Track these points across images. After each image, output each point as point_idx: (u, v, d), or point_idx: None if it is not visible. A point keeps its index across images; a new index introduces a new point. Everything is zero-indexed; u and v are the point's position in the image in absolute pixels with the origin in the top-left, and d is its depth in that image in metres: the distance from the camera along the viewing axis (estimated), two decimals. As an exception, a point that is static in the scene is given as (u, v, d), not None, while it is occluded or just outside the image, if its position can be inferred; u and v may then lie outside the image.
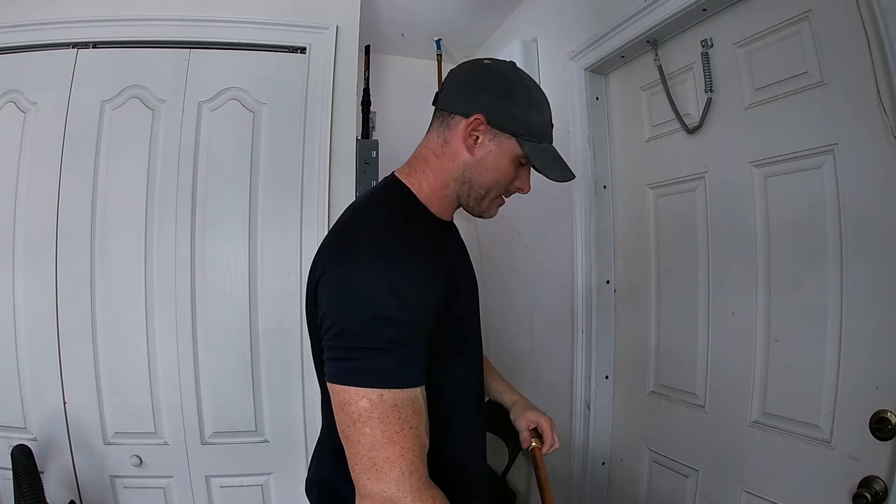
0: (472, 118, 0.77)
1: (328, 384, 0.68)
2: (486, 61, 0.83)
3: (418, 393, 0.67)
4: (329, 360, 0.68)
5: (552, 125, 0.83)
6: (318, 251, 0.78)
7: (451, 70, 0.85)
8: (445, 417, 0.76)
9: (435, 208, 0.82)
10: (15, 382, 1.50)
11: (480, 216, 0.86)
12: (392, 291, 0.66)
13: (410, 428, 0.65)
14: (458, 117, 0.79)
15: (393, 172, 0.86)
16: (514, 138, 0.79)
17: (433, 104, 0.84)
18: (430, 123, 0.85)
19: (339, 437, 0.68)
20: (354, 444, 0.65)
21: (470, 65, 0.83)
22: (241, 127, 1.61)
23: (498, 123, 0.77)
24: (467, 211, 0.85)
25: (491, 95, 0.77)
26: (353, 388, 0.65)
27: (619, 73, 1.67)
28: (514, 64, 0.83)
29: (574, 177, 0.86)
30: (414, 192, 0.81)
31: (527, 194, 0.91)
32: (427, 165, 0.82)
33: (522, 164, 0.83)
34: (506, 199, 0.87)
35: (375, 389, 0.64)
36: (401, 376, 0.65)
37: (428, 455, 0.69)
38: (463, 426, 0.84)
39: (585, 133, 1.68)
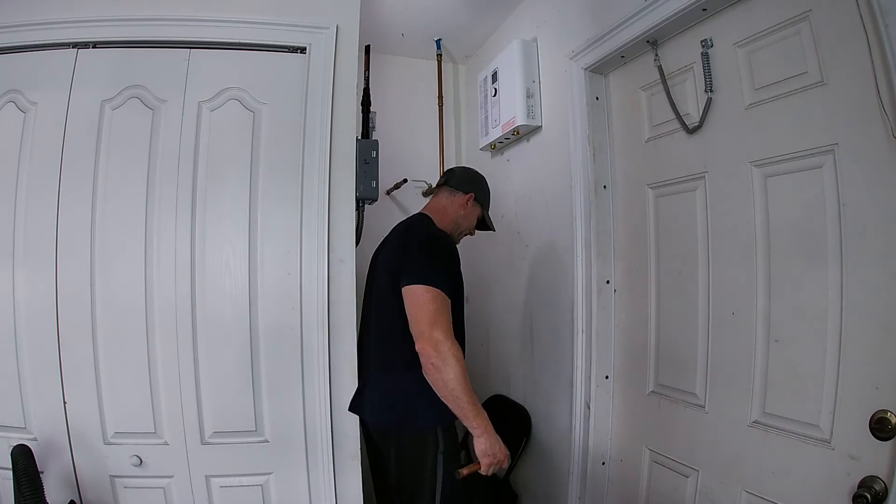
0: (468, 195, 1.60)
1: (412, 286, 1.30)
2: (472, 170, 1.71)
3: (449, 302, 1.32)
4: (413, 274, 1.32)
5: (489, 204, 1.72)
6: (396, 240, 1.51)
7: (455, 168, 1.72)
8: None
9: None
10: (15, 382, 1.50)
11: (455, 241, 1.59)
12: (450, 254, 1.41)
13: (448, 312, 1.30)
14: (460, 192, 1.61)
15: (421, 213, 1.61)
16: (480, 208, 1.65)
17: (440, 184, 1.67)
18: (439, 191, 1.64)
19: (400, 353, 1.37)
20: (426, 312, 1.27)
21: (465, 169, 1.71)
22: (241, 127, 1.61)
23: (478, 199, 1.63)
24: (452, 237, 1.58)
25: (477, 186, 1.64)
26: (436, 288, 1.29)
27: (619, 73, 1.68)
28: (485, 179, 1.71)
29: (495, 230, 1.77)
30: (435, 222, 1.54)
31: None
32: (442, 211, 1.59)
33: (479, 219, 1.66)
34: (463, 237, 1.66)
35: (442, 292, 1.30)
36: (449, 291, 1.32)
37: None
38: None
39: (585, 133, 1.68)
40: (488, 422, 1.31)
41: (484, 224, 1.68)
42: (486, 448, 1.30)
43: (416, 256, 1.36)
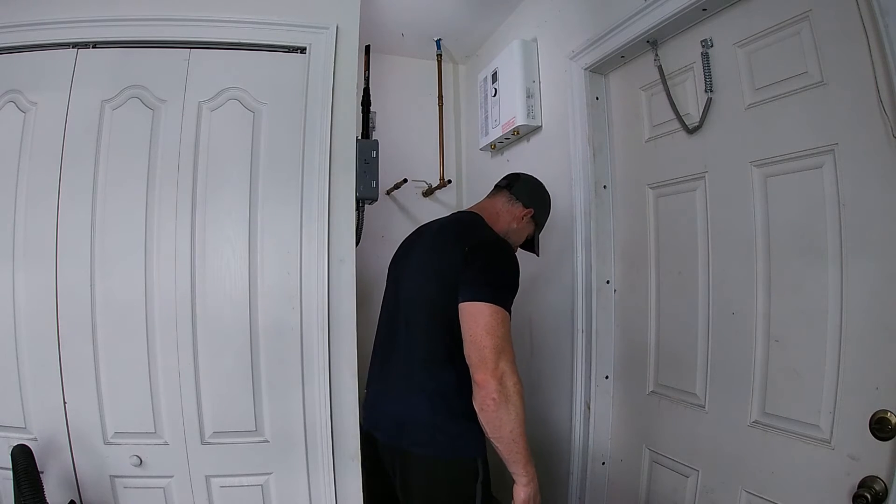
0: (528, 209, 1.41)
1: (477, 303, 1.11)
2: (539, 182, 1.49)
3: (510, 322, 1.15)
4: (480, 288, 1.12)
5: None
6: (446, 236, 1.30)
7: (522, 175, 1.48)
8: None
9: None
10: (15, 382, 1.50)
11: None
12: (518, 269, 1.21)
13: (510, 336, 1.13)
14: (519, 204, 1.40)
15: (472, 211, 1.42)
16: (534, 224, 1.44)
17: (500, 185, 1.46)
18: (498, 193, 1.44)
19: (446, 378, 1.19)
20: (491, 338, 1.09)
21: (534, 179, 1.49)
22: (241, 127, 1.61)
23: (535, 217, 1.44)
24: None
25: (540, 202, 1.45)
26: (502, 307, 1.11)
27: (619, 73, 1.67)
28: (550, 198, 1.51)
29: (539, 256, 1.56)
30: (489, 225, 1.35)
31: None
32: (494, 216, 1.38)
33: (528, 239, 1.45)
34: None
35: (506, 312, 1.12)
36: (510, 310, 1.14)
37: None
38: None
39: (585, 133, 1.68)
40: (535, 470, 1.19)
41: (530, 244, 1.47)
42: (529, 499, 1.18)
43: (485, 266, 1.16)
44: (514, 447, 1.13)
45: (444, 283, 1.18)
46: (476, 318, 1.10)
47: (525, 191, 1.42)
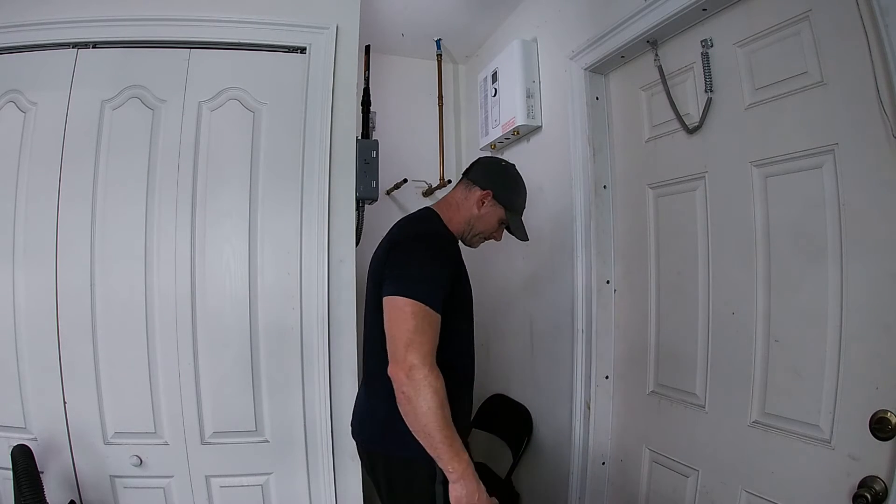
0: (485, 192, 1.29)
1: (390, 297, 1.08)
2: (502, 162, 1.38)
3: (438, 317, 1.08)
4: (393, 282, 1.10)
5: (524, 207, 1.38)
6: (389, 238, 1.26)
7: (483, 158, 1.40)
8: (451, 361, 1.15)
9: (455, 232, 1.32)
10: (15, 382, 1.50)
11: (470, 245, 1.37)
12: (442, 258, 1.16)
13: (432, 331, 1.07)
14: (477, 188, 1.31)
15: (429, 207, 1.35)
16: (503, 208, 1.32)
17: (463, 174, 1.37)
18: (458, 183, 1.37)
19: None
20: (401, 331, 1.05)
21: (492, 160, 1.39)
22: (241, 127, 1.61)
23: (500, 199, 1.31)
24: (461, 240, 1.34)
25: (500, 182, 1.32)
26: (412, 300, 1.06)
27: (619, 73, 1.67)
28: (514, 166, 1.39)
29: (528, 239, 1.38)
30: (444, 220, 1.30)
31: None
32: (453, 208, 1.32)
33: (502, 223, 1.34)
34: (484, 241, 1.37)
35: (420, 303, 1.06)
36: (433, 302, 1.08)
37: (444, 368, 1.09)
38: (459, 375, 1.22)
39: (585, 133, 1.68)
40: (468, 465, 1.06)
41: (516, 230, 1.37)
42: (463, 496, 1.05)
43: (399, 260, 1.14)
44: (431, 441, 1.04)
45: (376, 283, 1.19)
46: (388, 312, 1.09)
47: (481, 174, 1.32)
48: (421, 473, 1.13)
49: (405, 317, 1.05)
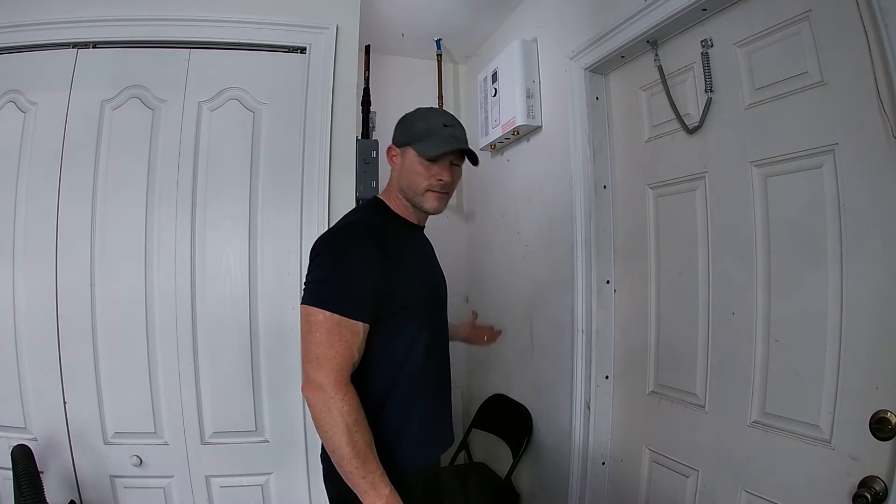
0: (390, 145, 1.14)
1: (301, 306, 0.97)
2: (411, 112, 1.16)
3: (359, 325, 0.96)
4: (310, 289, 0.97)
5: (445, 125, 1.08)
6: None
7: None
8: (393, 379, 1.04)
9: (403, 214, 1.13)
10: (15, 382, 1.50)
11: (426, 210, 1.12)
12: (353, 254, 0.98)
13: (345, 342, 0.94)
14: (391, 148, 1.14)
15: (376, 195, 1.19)
16: (409, 147, 1.08)
17: None
18: None
19: None
20: (308, 344, 0.95)
21: (403, 116, 1.17)
22: (241, 127, 1.61)
23: (398, 142, 1.12)
24: (417, 209, 1.12)
25: (398, 129, 1.14)
26: (317, 308, 0.94)
27: (619, 73, 1.67)
28: (430, 108, 1.16)
29: (458, 146, 1.08)
30: (389, 204, 1.14)
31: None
32: (389, 185, 1.16)
33: (430, 160, 1.06)
34: (439, 191, 1.09)
35: (327, 311, 0.94)
36: (346, 308, 0.94)
37: (376, 396, 1.01)
38: (408, 387, 1.06)
39: (585, 133, 1.68)
40: (387, 499, 0.91)
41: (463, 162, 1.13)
42: None
43: (310, 263, 1.02)
44: (341, 470, 0.93)
45: None
46: (303, 322, 0.97)
47: (393, 135, 1.15)
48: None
49: (310, 328, 0.94)
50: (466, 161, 1.14)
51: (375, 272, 0.98)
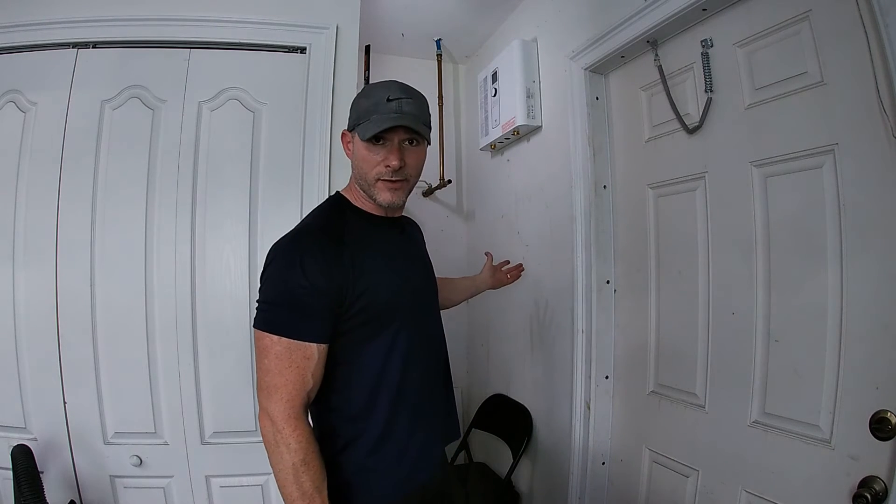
0: (343, 132, 1.03)
1: (258, 329, 0.89)
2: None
3: (312, 347, 0.88)
4: (261, 309, 0.90)
5: (389, 99, 0.92)
6: None
7: None
8: (372, 390, 0.95)
9: (366, 207, 1.02)
10: (15, 382, 1.50)
11: (379, 204, 0.99)
12: (292, 267, 0.88)
13: (297, 368, 0.87)
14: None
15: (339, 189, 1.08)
16: (355, 132, 0.96)
17: None
18: None
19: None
20: (258, 371, 0.89)
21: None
22: (241, 127, 1.61)
23: (349, 126, 0.99)
24: (374, 199, 0.99)
25: (350, 113, 0.99)
26: (264, 332, 0.87)
27: (619, 73, 1.67)
28: (381, 81, 0.98)
29: (399, 122, 0.92)
30: (349, 199, 1.03)
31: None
32: (351, 177, 1.03)
33: (375, 143, 0.94)
34: (390, 178, 0.95)
35: (275, 335, 0.87)
36: (294, 331, 0.86)
37: (355, 410, 0.94)
38: (392, 402, 0.96)
39: (585, 133, 1.68)
40: None
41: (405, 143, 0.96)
42: None
43: (264, 281, 0.93)
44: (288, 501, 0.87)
45: None
46: (256, 346, 0.90)
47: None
48: None
49: (259, 354, 0.88)
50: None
51: (330, 285, 0.88)
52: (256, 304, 0.91)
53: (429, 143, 1.01)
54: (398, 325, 0.97)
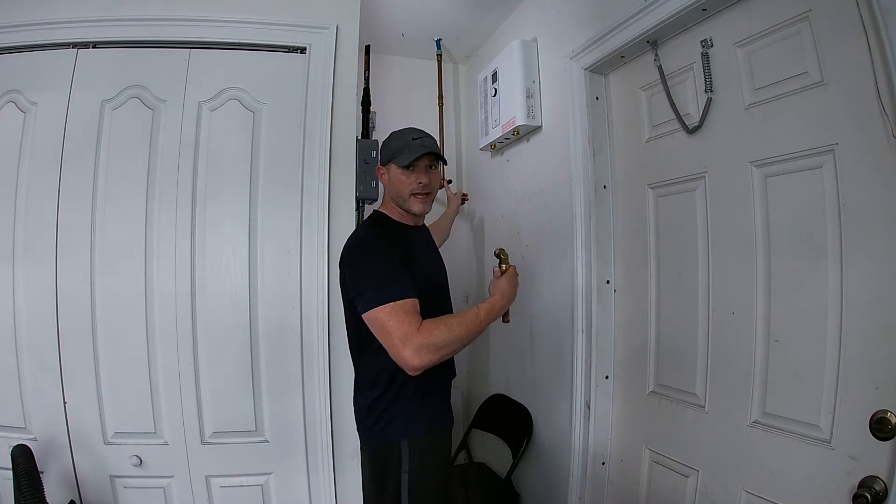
0: (378, 167, 1.41)
1: (365, 314, 1.16)
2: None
3: (407, 302, 1.15)
4: (360, 299, 1.18)
5: (413, 139, 1.32)
6: (341, 253, 1.32)
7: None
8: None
9: (400, 219, 1.38)
10: (15, 382, 1.50)
11: (413, 213, 1.36)
12: (380, 253, 1.23)
13: (411, 315, 1.13)
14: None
15: (375, 209, 1.43)
16: (391, 163, 1.34)
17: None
18: None
19: (364, 372, 1.33)
20: (388, 338, 1.12)
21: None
22: (241, 127, 1.61)
23: (383, 161, 1.38)
24: (408, 212, 1.36)
25: (381, 152, 1.41)
26: (379, 307, 1.13)
27: (619, 73, 1.67)
28: (402, 129, 1.38)
29: (426, 150, 1.31)
30: (387, 214, 1.38)
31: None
32: (385, 199, 1.41)
33: (408, 169, 1.32)
34: (421, 192, 1.33)
35: (387, 305, 1.13)
36: (398, 293, 1.14)
37: (392, 369, 1.21)
38: None
39: (585, 133, 1.68)
40: (492, 302, 1.27)
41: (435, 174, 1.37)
42: (506, 288, 1.32)
43: (354, 278, 1.22)
44: (472, 335, 1.20)
45: (344, 295, 1.29)
46: (373, 325, 1.16)
47: (379, 157, 1.48)
48: (385, 459, 1.27)
49: (384, 321, 1.13)
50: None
51: (401, 262, 1.21)
52: (357, 296, 1.18)
53: (445, 164, 1.43)
54: (424, 302, 1.22)
